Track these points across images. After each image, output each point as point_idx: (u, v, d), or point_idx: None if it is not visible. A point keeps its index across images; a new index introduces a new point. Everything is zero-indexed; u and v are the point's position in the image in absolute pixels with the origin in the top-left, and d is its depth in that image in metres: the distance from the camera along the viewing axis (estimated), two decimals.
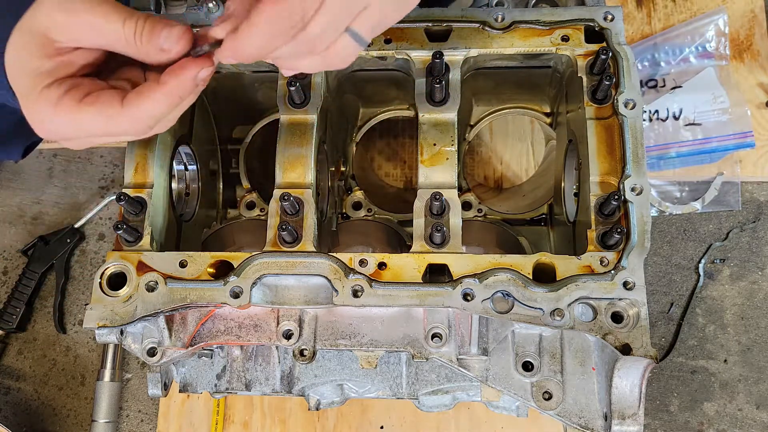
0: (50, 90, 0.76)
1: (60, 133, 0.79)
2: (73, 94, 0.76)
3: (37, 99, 0.77)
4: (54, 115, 0.76)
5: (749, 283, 1.54)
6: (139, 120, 0.76)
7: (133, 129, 0.78)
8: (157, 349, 1.05)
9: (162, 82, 0.75)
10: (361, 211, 1.42)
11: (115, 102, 0.76)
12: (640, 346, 0.93)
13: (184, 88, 0.76)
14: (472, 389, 1.16)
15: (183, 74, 0.75)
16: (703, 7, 1.64)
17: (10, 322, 1.58)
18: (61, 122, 0.77)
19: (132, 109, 0.76)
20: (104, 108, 0.76)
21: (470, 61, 1.13)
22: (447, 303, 0.97)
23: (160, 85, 0.75)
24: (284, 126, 1.11)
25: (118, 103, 0.76)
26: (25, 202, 1.72)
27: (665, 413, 1.48)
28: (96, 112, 0.76)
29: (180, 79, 0.75)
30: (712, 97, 1.57)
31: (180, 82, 0.75)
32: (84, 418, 1.56)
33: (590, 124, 1.05)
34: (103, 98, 0.76)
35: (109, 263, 1.03)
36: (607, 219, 1.01)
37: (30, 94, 0.77)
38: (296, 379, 1.17)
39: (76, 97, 0.76)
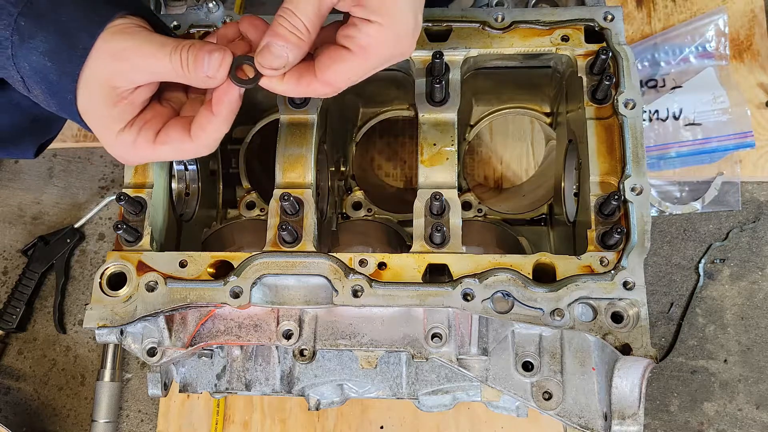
0: (124, 134, 0.87)
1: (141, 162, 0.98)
2: (145, 135, 0.87)
3: (116, 142, 0.87)
4: (135, 155, 0.89)
5: (749, 283, 1.54)
6: (206, 146, 0.88)
7: (200, 153, 0.89)
8: (157, 349, 1.05)
9: (216, 113, 0.85)
10: (361, 211, 1.42)
11: (185, 137, 0.87)
12: (640, 346, 0.93)
13: (233, 108, 0.86)
14: (472, 389, 1.16)
15: (230, 97, 0.85)
16: (703, 7, 1.64)
17: (10, 322, 1.58)
18: (140, 157, 0.89)
19: (199, 140, 0.86)
20: (176, 144, 0.87)
21: (470, 61, 1.13)
22: (447, 303, 0.97)
23: (215, 115, 0.85)
24: (284, 126, 1.11)
25: (187, 137, 0.86)
26: (25, 202, 1.72)
27: (665, 413, 1.48)
28: (170, 149, 0.88)
29: (229, 103, 0.85)
30: (712, 97, 1.57)
31: (230, 106, 0.85)
32: (84, 418, 1.56)
33: (590, 124, 1.05)
34: (172, 135, 0.87)
35: (109, 263, 1.03)
36: (607, 219, 1.01)
37: (108, 138, 0.88)
38: (296, 379, 1.17)
39: (149, 137, 0.87)
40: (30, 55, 0.83)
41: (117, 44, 0.82)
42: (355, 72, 0.84)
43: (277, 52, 0.81)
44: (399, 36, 0.82)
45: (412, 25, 0.83)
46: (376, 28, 0.80)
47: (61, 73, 0.84)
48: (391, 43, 0.82)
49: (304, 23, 0.79)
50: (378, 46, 0.81)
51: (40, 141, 1.26)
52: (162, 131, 0.87)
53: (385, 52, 0.83)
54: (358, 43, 0.81)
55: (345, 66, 0.82)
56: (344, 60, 0.82)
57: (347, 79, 0.84)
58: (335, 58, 0.82)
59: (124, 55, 0.82)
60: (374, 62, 0.83)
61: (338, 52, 0.82)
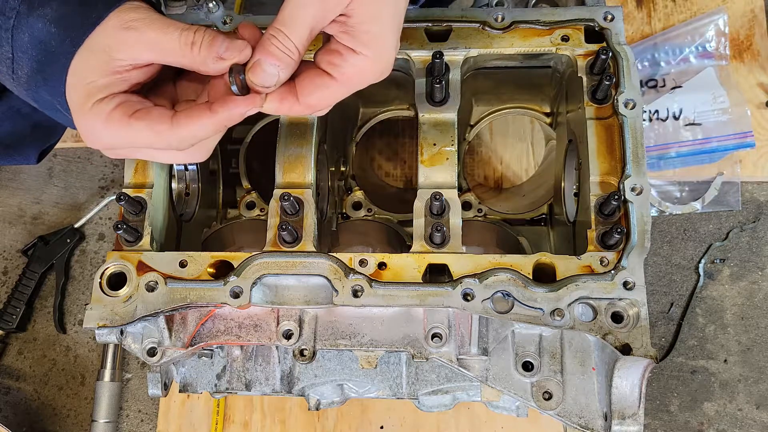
0: (102, 103, 0.82)
1: (106, 143, 0.85)
2: (123, 109, 0.82)
3: (90, 111, 0.82)
4: (104, 128, 0.82)
5: (749, 283, 1.54)
6: (183, 139, 0.83)
7: (175, 145, 0.83)
8: (157, 349, 1.05)
9: (213, 110, 0.82)
10: (361, 211, 1.42)
11: (165, 119, 0.82)
12: (640, 346, 0.93)
13: (230, 119, 0.82)
14: (472, 389, 1.16)
15: (234, 108, 0.82)
16: (703, 7, 1.64)
17: (10, 322, 1.58)
18: (110, 133, 0.83)
19: (180, 128, 0.82)
20: (154, 123, 0.82)
21: (470, 61, 1.13)
22: (447, 303, 0.97)
23: (211, 111, 0.82)
24: (284, 126, 1.11)
25: (168, 120, 0.82)
26: (25, 202, 1.72)
27: (665, 413, 1.48)
28: (145, 127, 0.82)
29: (230, 112, 0.82)
30: (712, 97, 1.57)
31: (229, 114, 0.82)
32: (84, 418, 1.56)
33: (590, 124, 1.05)
34: (153, 115, 0.82)
35: (109, 263, 1.03)
36: (607, 219, 1.01)
37: (83, 106, 0.82)
38: (296, 379, 1.17)
39: (127, 111, 0.82)
40: (36, 23, 0.83)
41: (130, 15, 0.82)
42: (337, 97, 0.86)
43: (270, 71, 0.81)
44: (383, 67, 0.85)
45: (393, 55, 0.86)
46: (362, 59, 0.83)
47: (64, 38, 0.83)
48: (375, 73, 0.85)
49: (295, 45, 0.80)
50: (362, 76, 0.85)
51: (41, 147, 1.27)
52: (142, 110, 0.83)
53: (367, 80, 0.86)
54: (343, 73, 0.83)
55: (328, 92, 0.85)
56: (327, 87, 0.84)
57: (328, 103, 0.87)
58: (319, 84, 0.84)
59: (134, 24, 0.82)
60: (356, 88, 0.86)
61: (322, 79, 0.84)
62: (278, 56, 0.80)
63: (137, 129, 0.82)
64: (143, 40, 0.82)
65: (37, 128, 1.19)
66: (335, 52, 0.83)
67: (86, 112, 0.82)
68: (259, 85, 0.82)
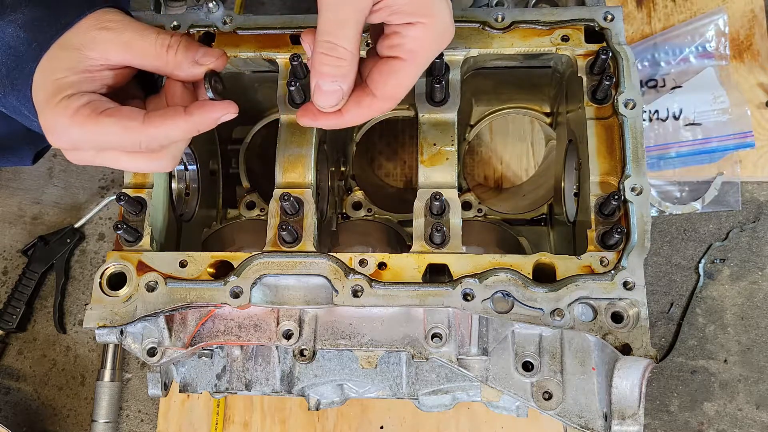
0: (70, 100, 0.79)
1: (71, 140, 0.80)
2: (93, 106, 0.80)
3: (56, 107, 0.79)
4: (71, 123, 0.79)
5: (749, 283, 1.54)
6: (154, 138, 0.80)
7: (145, 144, 0.80)
8: (157, 349, 1.05)
9: (188, 112, 0.80)
10: (361, 211, 1.42)
11: (136, 116, 0.79)
12: (640, 346, 0.93)
13: (205, 123, 0.81)
14: (472, 389, 1.16)
15: (210, 112, 0.80)
16: (703, 7, 1.64)
17: (10, 322, 1.58)
18: (76, 130, 0.79)
19: (151, 127, 0.79)
20: (124, 120, 0.79)
21: (470, 61, 1.13)
22: (447, 303, 0.97)
23: (185, 113, 0.80)
24: (284, 126, 1.11)
25: (139, 117, 0.79)
26: (25, 202, 1.72)
27: (665, 413, 1.48)
28: (114, 123, 0.79)
29: (205, 116, 0.80)
30: (712, 97, 1.57)
31: (204, 118, 0.80)
32: (84, 418, 1.56)
33: (590, 124, 1.05)
34: (124, 112, 0.80)
35: (109, 263, 1.03)
36: (607, 219, 1.01)
37: (50, 101, 0.80)
38: (296, 379, 1.17)
39: (96, 109, 0.80)
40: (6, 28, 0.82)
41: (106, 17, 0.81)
42: (411, 78, 0.83)
43: (331, 89, 0.78)
44: (442, 31, 0.81)
45: (450, 15, 0.82)
46: (420, 28, 0.79)
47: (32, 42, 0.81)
48: (437, 39, 0.81)
49: (347, 49, 0.76)
50: (426, 47, 0.81)
51: (37, 149, 1.26)
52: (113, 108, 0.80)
53: (433, 49, 0.82)
54: (407, 49, 0.80)
55: (400, 75, 0.81)
56: (398, 70, 0.81)
57: (406, 87, 0.83)
58: (388, 72, 0.81)
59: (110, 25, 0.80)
60: (425, 62, 0.83)
61: (389, 65, 0.81)
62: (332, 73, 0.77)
63: (106, 125, 0.79)
64: (118, 40, 0.80)
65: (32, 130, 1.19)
66: (392, 35, 0.80)
67: (52, 107, 0.79)
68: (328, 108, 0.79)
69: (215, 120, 0.81)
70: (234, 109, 0.82)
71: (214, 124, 0.82)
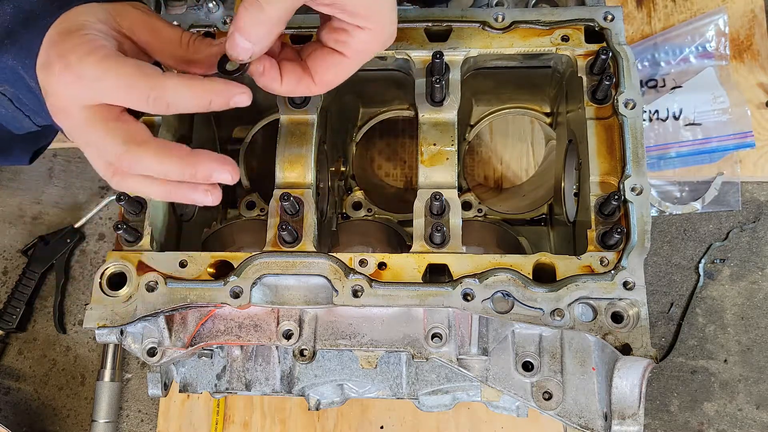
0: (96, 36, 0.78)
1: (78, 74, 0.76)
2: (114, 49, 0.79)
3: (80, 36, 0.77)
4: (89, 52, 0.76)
5: (749, 283, 1.54)
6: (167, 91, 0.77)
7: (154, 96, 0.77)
8: (157, 349, 1.05)
9: (209, 79, 0.79)
10: (361, 211, 1.42)
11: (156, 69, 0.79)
12: (640, 346, 0.93)
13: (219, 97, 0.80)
14: (472, 389, 1.16)
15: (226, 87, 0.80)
16: (703, 7, 1.64)
17: (10, 322, 1.58)
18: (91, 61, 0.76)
19: (168, 80, 0.77)
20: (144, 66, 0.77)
21: (470, 61, 1.13)
22: (447, 303, 0.97)
23: (207, 80, 0.79)
24: (284, 126, 1.11)
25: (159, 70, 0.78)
26: (25, 202, 1.72)
27: (665, 413, 1.48)
28: (134, 65, 0.77)
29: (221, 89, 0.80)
30: (712, 97, 1.57)
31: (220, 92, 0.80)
32: (84, 418, 1.56)
33: (590, 124, 1.05)
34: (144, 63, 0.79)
35: (109, 263, 1.03)
36: (607, 219, 1.01)
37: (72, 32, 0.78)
38: (296, 379, 1.17)
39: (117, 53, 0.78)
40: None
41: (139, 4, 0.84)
42: (349, 71, 0.89)
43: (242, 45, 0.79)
44: (388, 38, 0.87)
45: (395, 19, 0.87)
46: (369, 33, 0.84)
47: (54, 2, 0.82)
48: (381, 43, 0.87)
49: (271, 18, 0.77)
50: (370, 49, 0.87)
51: (34, 148, 1.26)
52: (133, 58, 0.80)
53: (374, 51, 0.88)
54: (353, 48, 0.86)
55: (341, 68, 0.88)
56: (340, 63, 0.87)
57: (342, 78, 0.90)
58: (332, 63, 0.87)
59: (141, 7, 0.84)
60: (366, 60, 0.89)
61: (333, 57, 0.87)
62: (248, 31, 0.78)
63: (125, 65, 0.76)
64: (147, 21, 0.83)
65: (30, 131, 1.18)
66: (340, 31, 0.85)
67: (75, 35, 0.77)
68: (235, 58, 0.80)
69: (230, 97, 0.80)
70: (248, 95, 0.82)
71: (226, 104, 0.81)
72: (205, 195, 0.83)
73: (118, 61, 0.77)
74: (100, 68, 0.76)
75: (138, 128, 0.80)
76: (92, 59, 0.76)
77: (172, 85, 0.77)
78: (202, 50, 0.83)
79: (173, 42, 0.83)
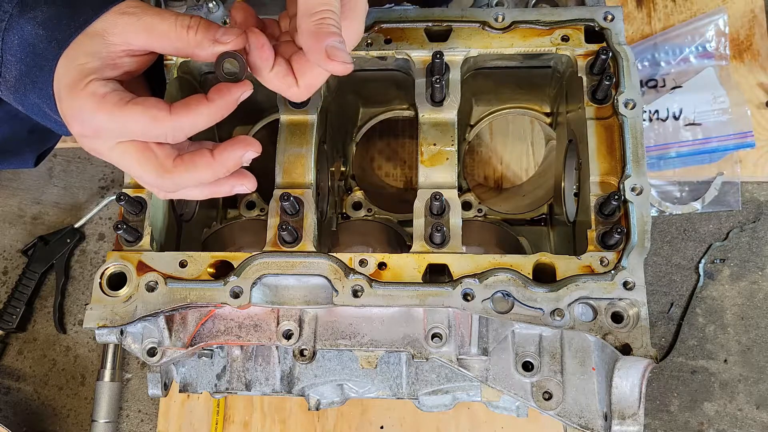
0: (96, 86, 0.80)
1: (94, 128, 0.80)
2: (119, 95, 0.81)
3: (81, 91, 0.80)
4: (97, 109, 0.79)
5: (749, 283, 1.54)
6: (180, 128, 0.81)
7: (171, 135, 0.81)
8: (157, 349, 1.05)
9: (210, 99, 0.81)
10: (361, 211, 1.42)
11: (162, 107, 0.80)
12: (640, 346, 0.93)
13: (227, 106, 0.82)
14: (472, 389, 1.16)
15: (229, 94, 0.82)
16: (703, 7, 1.64)
17: (10, 322, 1.58)
18: (102, 117, 0.79)
19: (177, 117, 0.80)
20: (150, 110, 0.80)
21: (470, 61, 1.13)
22: (447, 303, 0.97)
23: (208, 101, 0.81)
24: (284, 126, 1.11)
25: (165, 108, 0.80)
26: (25, 202, 1.72)
27: (665, 413, 1.48)
28: (141, 112, 0.79)
29: (226, 98, 0.82)
30: (712, 97, 1.57)
31: (226, 101, 0.82)
32: (84, 418, 1.56)
33: (590, 124, 1.05)
34: (150, 102, 0.81)
35: (109, 263, 1.03)
36: (607, 219, 1.01)
37: (74, 88, 0.80)
38: (296, 379, 1.17)
39: (123, 97, 0.80)
40: (26, 26, 0.83)
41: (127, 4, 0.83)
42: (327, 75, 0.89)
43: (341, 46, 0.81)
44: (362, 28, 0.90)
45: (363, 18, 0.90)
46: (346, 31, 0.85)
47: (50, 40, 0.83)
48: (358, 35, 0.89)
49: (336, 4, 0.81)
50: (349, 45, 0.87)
51: (39, 151, 1.26)
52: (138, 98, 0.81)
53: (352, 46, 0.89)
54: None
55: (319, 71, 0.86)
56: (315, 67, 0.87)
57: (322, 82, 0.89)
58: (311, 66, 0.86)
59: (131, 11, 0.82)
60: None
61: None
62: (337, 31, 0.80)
63: (134, 113, 0.79)
64: (139, 23, 0.82)
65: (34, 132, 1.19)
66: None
67: (79, 91, 0.80)
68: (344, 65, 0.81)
69: (236, 101, 0.83)
70: (249, 87, 0.83)
71: (234, 106, 0.83)
72: (241, 187, 0.89)
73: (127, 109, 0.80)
74: (112, 120, 0.79)
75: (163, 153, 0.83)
76: (102, 114, 0.79)
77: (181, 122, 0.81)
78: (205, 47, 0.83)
79: (170, 36, 0.83)
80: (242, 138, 0.85)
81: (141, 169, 0.83)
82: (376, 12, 1.12)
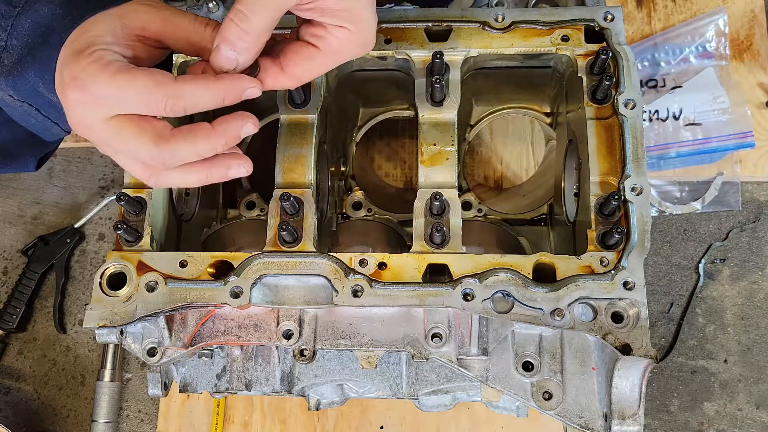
0: (103, 53, 0.79)
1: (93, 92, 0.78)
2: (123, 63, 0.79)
3: (87, 57, 0.78)
4: (99, 71, 0.77)
5: (749, 283, 1.54)
6: (182, 97, 0.79)
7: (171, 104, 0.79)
8: (157, 349, 1.05)
9: (218, 77, 0.80)
10: (361, 211, 1.42)
11: (167, 75, 0.79)
12: (640, 346, 0.93)
13: (233, 92, 0.81)
14: (472, 389, 1.16)
15: (239, 82, 0.81)
16: (703, 7, 1.64)
17: (10, 322, 1.58)
18: (103, 80, 0.77)
19: (182, 85, 0.78)
20: (156, 75, 0.78)
21: (470, 61, 1.13)
22: (447, 303, 0.97)
23: (216, 78, 0.80)
24: (284, 126, 1.11)
25: (170, 76, 0.79)
26: (25, 202, 1.72)
27: (665, 413, 1.48)
28: (146, 76, 0.77)
29: (235, 84, 0.81)
30: (712, 97, 1.57)
31: (233, 86, 0.81)
32: (84, 418, 1.56)
33: (590, 124, 1.05)
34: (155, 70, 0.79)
35: (109, 263, 1.03)
36: (607, 219, 1.01)
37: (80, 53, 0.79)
38: (296, 379, 1.17)
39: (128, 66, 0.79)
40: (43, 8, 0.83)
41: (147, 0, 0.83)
42: (322, 69, 0.88)
43: (228, 55, 0.80)
44: (366, 39, 0.86)
45: (374, 26, 0.87)
46: (346, 32, 0.84)
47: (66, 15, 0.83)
48: (359, 47, 0.87)
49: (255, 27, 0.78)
50: (347, 50, 0.86)
51: (40, 154, 1.26)
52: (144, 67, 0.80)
53: (352, 54, 0.87)
54: (328, 44, 0.84)
55: (315, 64, 0.86)
56: (313, 58, 0.85)
57: (314, 74, 0.88)
58: (304, 56, 0.85)
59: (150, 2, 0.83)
60: (341, 60, 0.88)
61: (306, 50, 0.85)
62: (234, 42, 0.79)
63: (137, 77, 0.77)
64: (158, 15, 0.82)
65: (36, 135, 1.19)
66: (319, 26, 0.84)
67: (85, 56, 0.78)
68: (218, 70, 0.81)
69: (243, 90, 0.82)
70: (259, 86, 0.83)
71: (239, 96, 0.82)
72: (238, 168, 0.86)
73: (130, 74, 0.78)
74: (113, 84, 0.77)
75: (161, 124, 0.80)
76: (104, 77, 0.77)
77: (185, 90, 0.79)
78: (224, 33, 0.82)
79: (186, 30, 0.83)
80: (241, 112, 0.84)
81: (137, 140, 0.79)
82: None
